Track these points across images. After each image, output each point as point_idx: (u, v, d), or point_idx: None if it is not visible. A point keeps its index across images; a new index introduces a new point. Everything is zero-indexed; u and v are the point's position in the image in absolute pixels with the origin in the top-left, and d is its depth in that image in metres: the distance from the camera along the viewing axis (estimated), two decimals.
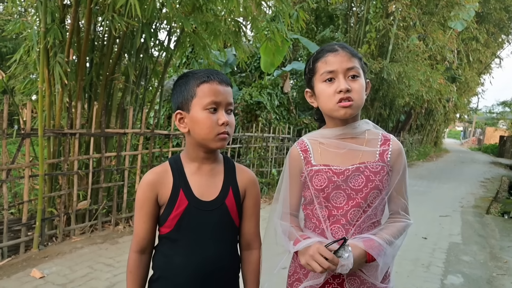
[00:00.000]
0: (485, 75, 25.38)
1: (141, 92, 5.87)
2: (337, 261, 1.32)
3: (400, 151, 1.54)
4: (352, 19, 14.66)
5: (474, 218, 7.68)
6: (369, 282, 1.47)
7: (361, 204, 1.46)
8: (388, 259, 1.42)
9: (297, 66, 12.37)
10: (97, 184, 4.97)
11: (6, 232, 3.96)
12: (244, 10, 5.49)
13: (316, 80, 1.52)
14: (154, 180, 1.44)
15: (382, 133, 1.57)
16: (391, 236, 1.44)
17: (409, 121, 19.77)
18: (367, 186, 1.46)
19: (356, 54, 1.50)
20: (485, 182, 13.45)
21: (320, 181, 1.48)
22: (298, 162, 1.55)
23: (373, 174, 1.47)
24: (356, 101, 1.45)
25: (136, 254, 1.47)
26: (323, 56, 1.49)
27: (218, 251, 1.46)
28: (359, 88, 1.46)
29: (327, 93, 1.47)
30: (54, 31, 4.27)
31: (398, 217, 1.54)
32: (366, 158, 1.50)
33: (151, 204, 1.44)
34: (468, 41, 17.94)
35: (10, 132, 4.10)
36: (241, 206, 1.52)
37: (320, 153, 1.54)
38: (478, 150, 34.82)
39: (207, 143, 1.41)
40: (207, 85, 1.39)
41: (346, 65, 1.45)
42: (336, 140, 1.53)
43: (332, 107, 1.46)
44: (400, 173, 1.52)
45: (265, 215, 1.63)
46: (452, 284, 4.28)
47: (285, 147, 9.42)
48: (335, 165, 1.49)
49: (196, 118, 1.39)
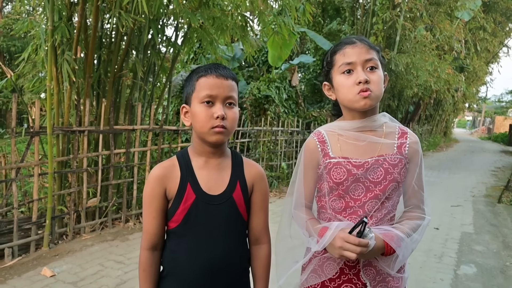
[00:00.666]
0: (493, 64, 25.26)
1: (149, 88, 5.87)
2: (365, 242, 1.32)
3: (417, 144, 1.55)
4: (359, 11, 14.58)
5: (485, 207, 7.68)
6: (384, 272, 1.47)
7: (380, 196, 1.46)
8: (407, 252, 1.42)
9: (305, 59, 12.31)
10: (107, 181, 4.98)
11: (17, 231, 3.98)
12: (250, 5, 5.46)
13: (335, 73, 1.52)
14: (162, 174, 1.44)
15: (399, 126, 1.58)
16: (411, 230, 1.44)
17: (418, 112, 19.75)
18: (386, 179, 1.46)
19: (374, 47, 1.51)
20: (496, 171, 13.40)
21: (339, 174, 1.48)
22: (315, 153, 1.55)
23: (392, 166, 1.48)
24: (375, 92, 1.45)
25: (147, 251, 1.45)
26: (341, 49, 1.50)
27: (227, 246, 1.45)
28: (377, 80, 1.46)
29: (346, 85, 1.47)
30: (62, 29, 4.27)
31: (418, 211, 1.54)
32: (384, 151, 1.50)
33: (160, 199, 1.43)
34: (475, 30, 17.79)
35: (19, 130, 4.11)
36: (249, 200, 1.51)
37: (339, 145, 1.53)
38: (488, 139, 34.61)
39: (204, 136, 1.41)
40: (204, 78, 1.40)
41: (364, 57, 1.46)
42: (355, 132, 1.52)
43: (351, 98, 1.46)
44: (418, 165, 1.53)
45: (275, 209, 1.63)
46: (465, 274, 4.27)
47: (294, 140, 9.40)
48: (355, 158, 1.49)
49: (194, 111, 1.41)
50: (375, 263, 1.47)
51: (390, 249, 1.38)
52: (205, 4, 5.24)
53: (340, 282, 1.51)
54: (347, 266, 1.49)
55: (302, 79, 14.39)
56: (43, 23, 4.87)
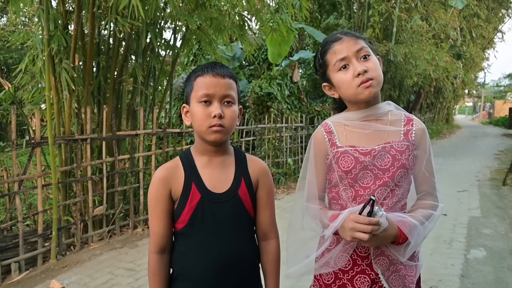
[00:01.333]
0: (489, 50, 25.59)
1: (150, 92, 5.83)
2: (376, 220, 1.32)
3: (424, 131, 1.55)
4: (355, 5, 14.67)
5: (491, 190, 7.77)
6: (398, 262, 1.47)
7: (388, 183, 1.46)
8: (419, 240, 1.43)
9: (305, 55, 12.34)
10: (112, 188, 4.93)
11: (23, 244, 3.92)
12: (247, 3, 5.44)
13: (331, 72, 1.52)
14: (166, 175, 1.44)
15: (404, 114, 1.58)
16: (424, 218, 1.44)
17: (419, 101, 19.96)
18: (394, 165, 1.46)
19: (360, 36, 1.51)
20: (499, 154, 13.55)
21: (347, 162, 1.49)
22: (323, 144, 1.56)
23: (399, 153, 1.48)
24: (376, 78, 1.45)
25: (156, 255, 1.44)
26: (330, 48, 1.50)
27: (235, 243, 1.45)
28: (374, 66, 1.46)
29: (346, 80, 1.47)
30: (58, 37, 4.22)
31: (431, 198, 1.54)
32: (391, 138, 1.51)
33: (165, 201, 1.42)
34: (470, 18, 18.02)
35: (20, 142, 4.07)
36: (254, 196, 1.51)
37: (346, 134, 1.54)
38: (489, 124, 35.08)
39: (203, 135, 1.41)
40: (201, 78, 1.41)
41: (354, 48, 1.46)
42: (360, 122, 1.53)
43: (354, 92, 1.46)
44: (427, 152, 1.53)
45: (284, 206, 1.61)
46: (475, 258, 4.31)
47: (299, 136, 9.40)
48: (361, 146, 1.50)
49: (193, 111, 1.42)
50: (388, 252, 1.46)
51: (403, 236, 1.38)
52: (201, 5, 5.21)
53: (353, 273, 1.51)
54: (359, 257, 1.49)
55: (303, 74, 14.42)
56: (39, 33, 4.83)
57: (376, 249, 1.47)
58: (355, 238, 1.35)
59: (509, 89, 38.67)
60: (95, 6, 4.44)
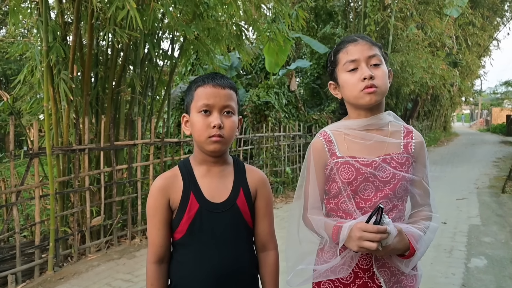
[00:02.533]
0: (485, 58, 25.72)
1: (148, 102, 5.85)
2: (384, 228, 1.29)
3: (423, 144, 1.56)
4: (351, 14, 14.81)
5: (490, 198, 7.75)
6: (399, 272, 1.46)
7: (390, 195, 1.46)
8: (423, 251, 1.42)
9: (302, 64, 12.40)
10: (110, 198, 4.92)
11: (19, 256, 3.89)
12: (244, 14, 5.48)
13: (339, 71, 1.52)
14: (164, 185, 1.44)
15: (403, 125, 1.58)
16: (426, 227, 1.45)
17: (416, 108, 20.06)
18: (395, 178, 1.46)
19: (376, 43, 1.52)
20: (497, 161, 13.55)
21: (347, 173, 1.47)
22: (323, 153, 1.54)
23: (399, 165, 1.48)
24: (380, 88, 1.45)
25: (154, 265, 1.43)
26: (344, 47, 1.51)
27: (233, 254, 1.44)
28: (382, 75, 1.46)
29: (352, 82, 1.47)
30: (57, 48, 4.25)
31: (428, 209, 1.54)
32: (391, 149, 1.50)
33: (164, 210, 1.42)
34: (465, 26, 18.17)
35: (18, 153, 4.07)
36: (253, 206, 1.50)
37: (346, 144, 1.52)
38: (487, 131, 35.21)
39: (202, 145, 1.42)
40: (201, 88, 1.42)
41: (367, 53, 1.46)
42: (361, 131, 1.52)
43: (357, 95, 1.46)
44: (425, 165, 1.54)
45: (282, 215, 1.60)
46: (476, 267, 4.29)
47: (297, 144, 9.41)
48: (362, 157, 1.48)
49: (192, 120, 1.43)
50: (389, 263, 1.45)
51: (412, 249, 1.37)
52: (199, 16, 5.25)
53: (355, 286, 1.49)
54: (361, 270, 1.47)
55: (300, 83, 14.49)
56: (38, 44, 4.85)
57: (378, 261, 1.46)
58: (362, 247, 1.31)
59: (506, 96, 38.86)
60: (93, 18, 4.47)
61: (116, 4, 3.78)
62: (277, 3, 5.46)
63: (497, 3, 20.05)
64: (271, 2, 5.73)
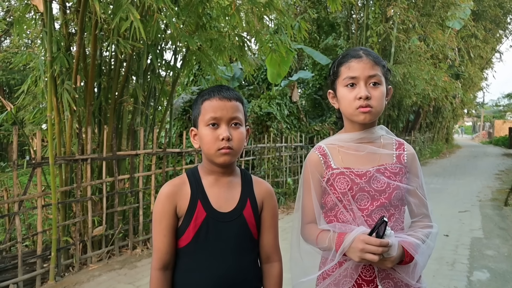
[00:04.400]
0: (488, 70, 25.80)
1: (150, 112, 5.87)
2: (386, 242, 1.32)
3: (414, 155, 1.60)
4: (353, 26, 14.89)
5: (493, 211, 7.70)
6: (403, 284, 1.47)
7: (386, 204, 1.48)
8: (424, 259, 1.44)
9: (304, 75, 12.43)
10: (112, 208, 4.92)
11: (21, 265, 3.88)
12: (247, 25, 5.53)
13: (339, 84, 1.56)
14: (172, 191, 1.44)
15: (395, 138, 1.63)
16: (425, 236, 1.47)
17: (418, 120, 20.03)
18: (389, 187, 1.49)
19: (380, 62, 1.53)
20: (500, 174, 13.50)
21: (343, 184, 1.50)
22: (319, 166, 1.57)
23: (393, 175, 1.51)
24: (375, 108, 1.49)
25: (158, 271, 1.42)
26: (346, 61, 1.53)
27: (238, 264, 1.44)
28: (379, 96, 1.50)
29: (348, 98, 1.51)
30: (60, 59, 4.28)
31: (426, 219, 1.56)
32: (384, 160, 1.54)
33: (170, 217, 1.42)
34: (467, 38, 18.23)
35: (21, 163, 4.08)
36: (259, 218, 1.51)
37: (341, 156, 1.56)
38: (489, 144, 35.20)
39: (212, 158, 1.43)
40: (208, 101, 1.43)
41: (368, 73, 1.49)
42: (354, 143, 1.56)
43: (352, 112, 1.51)
44: (419, 176, 1.57)
45: (284, 225, 1.61)
46: (478, 280, 4.25)
47: (299, 155, 9.41)
48: (357, 168, 1.52)
49: (201, 134, 1.44)
50: (393, 275, 1.46)
51: (409, 256, 1.39)
52: (202, 27, 5.29)
53: None
54: (364, 281, 1.47)
55: (302, 94, 14.52)
56: (42, 54, 4.89)
57: (381, 272, 1.46)
58: (364, 259, 1.35)
59: (508, 109, 38.94)
60: (97, 28, 4.51)
61: (120, 15, 3.82)
62: (279, 14, 5.50)
63: (500, 16, 20.11)
64: (274, 14, 5.78)
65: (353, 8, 14.53)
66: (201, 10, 5.06)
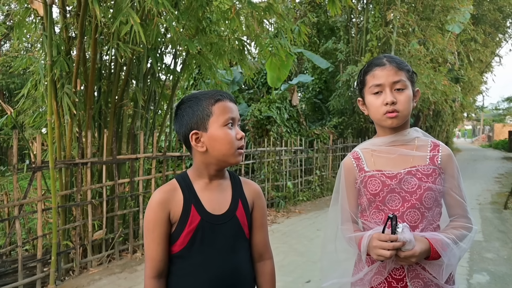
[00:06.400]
0: (487, 74, 25.79)
1: (150, 116, 5.87)
2: (395, 237, 1.38)
3: (451, 155, 1.61)
4: (353, 30, 14.90)
5: (492, 214, 7.72)
6: (433, 284, 1.50)
7: (417, 205, 1.51)
8: (454, 259, 1.46)
9: (303, 79, 12.43)
10: (112, 212, 4.91)
11: (21, 269, 3.87)
12: (247, 29, 5.55)
13: (366, 92, 1.63)
14: (165, 198, 1.42)
15: (431, 140, 1.66)
16: (457, 237, 1.49)
17: (418, 124, 20.01)
18: (420, 188, 1.52)
19: (403, 67, 1.59)
20: (500, 177, 13.55)
21: (374, 185, 1.57)
22: (352, 170, 1.65)
23: (425, 176, 1.53)
24: (401, 112, 1.54)
25: (153, 280, 1.40)
26: (371, 70, 1.60)
27: (233, 265, 1.45)
28: (404, 100, 1.55)
29: (375, 105, 1.58)
30: (61, 63, 4.29)
31: (463, 220, 1.58)
32: (417, 162, 1.57)
33: (164, 224, 1.40)
34: (467, 42, 18.24)
35: (21, 167, 4.08)
36: (250, 217, 1.53)
37: (373, 160, 1.63)
38: (489, 147, 35.27)
39: (227, 158, 1.43)
40: (222, 103, 1.43)
41: (392, 79, 1.55)
42: (387, 146, 1.62)
43: (379, 118, 1.58)
44: (455, 176, 1.58)
45: (284, 229, 1.63)
46: (478, 283, 4.26)
47: (298, 159, 9.41)
48: (388, 170, 1.57)
49: (217, 135, 1.41)
50: (423, 275, 1.49)
51: (436, 252, 1.42)
52: (202, 30, 5.30)
53: None
54: (394, 279, 1.52)
55: (302, 98, 14.53)
56: (42, 58, 4.89)
57: (411, 272, 1.50)
58: (380, 256, 1.42)
59: (508, 112, 38.98)
60: (97, 32, 4.52)
61: (120, 19, 3.82)
62: (279, 18, 5.52)
63: (499, 20, 20.18)
64: (274, 18, 5.80)
65: (353, 12, 14.58)
66: (201, 14, 5.06)
